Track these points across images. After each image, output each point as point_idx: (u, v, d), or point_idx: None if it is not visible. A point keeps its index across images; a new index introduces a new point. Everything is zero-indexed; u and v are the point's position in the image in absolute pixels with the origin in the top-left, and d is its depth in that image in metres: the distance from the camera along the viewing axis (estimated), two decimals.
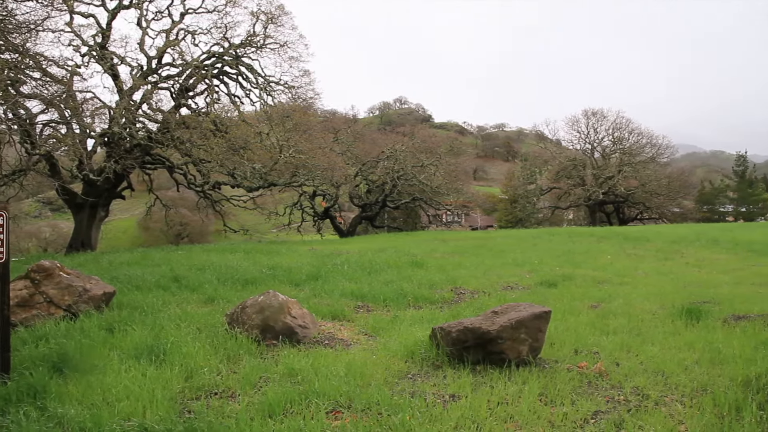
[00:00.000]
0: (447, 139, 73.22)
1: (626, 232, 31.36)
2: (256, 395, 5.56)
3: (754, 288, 12.46)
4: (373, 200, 50.71)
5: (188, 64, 29.56)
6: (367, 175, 49.86)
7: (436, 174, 48.67)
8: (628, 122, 65.24)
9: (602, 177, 62.73)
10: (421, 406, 5.09)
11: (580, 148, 68.14)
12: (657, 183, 61.56)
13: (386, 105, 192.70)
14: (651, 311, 9.73)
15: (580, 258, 19.12)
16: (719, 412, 4.88)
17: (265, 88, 32.50)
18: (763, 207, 73.76)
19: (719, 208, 75.26)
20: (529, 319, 6.45)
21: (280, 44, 31.71)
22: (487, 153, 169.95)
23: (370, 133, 61.32)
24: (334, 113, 69.80)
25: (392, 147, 49.11)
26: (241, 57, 31.81)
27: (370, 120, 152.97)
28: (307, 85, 34.09)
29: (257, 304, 7.73)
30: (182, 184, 34.36)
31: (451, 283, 13.35)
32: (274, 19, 31.19)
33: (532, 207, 68.08)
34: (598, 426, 4.77)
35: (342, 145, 47.43)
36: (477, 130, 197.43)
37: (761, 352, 6.60)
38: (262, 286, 12.15)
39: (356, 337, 8.24)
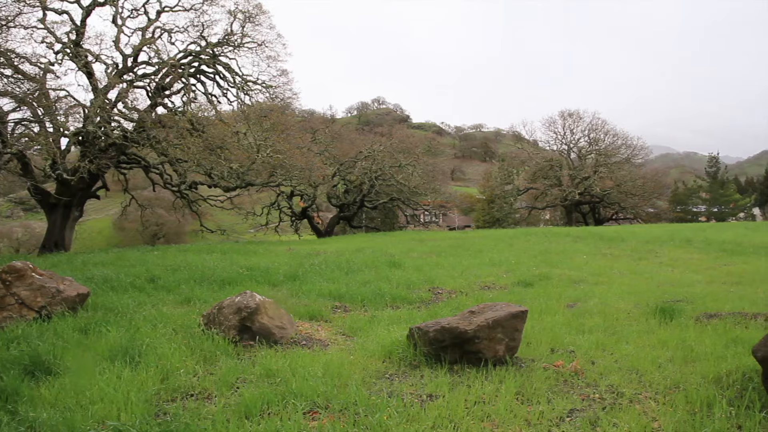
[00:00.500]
0: (425, 139, 73.35)
1: (602, 232, 31.67)
2: (232, 396, 5.52)
3: (725, 287, 12.67)
4: (350, 200, 50.67)
5: (165, 63, 29.28)
6: (345, 175, 49.81)
7: (414, 174, 48.78)
8: (604, 123, 65.99)
9: (578, 177, 63.28)
10: (398, 406, 5.10)
11: (557, 148, 68.70)
12: (632, 183, 62.26)
13: (364, 105, 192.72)
14: (626, 310, 9.84)
15: (557, 258, 19.27)
16: (691, 409, 4.96)
17: (242, 87, 32.31)
18: (734, 207, 75.08)
19: (692, 208, 76.48)
20: (506, 319, 6.48)
21: (257, 43, 31.58)
22: (465, 153, 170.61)
23: (348, 134, 61.24)
24: (312, 113, 69.78)
25: (370, 147, 49.14)
26: (218, 56, 31.59)
27: (348, 120, 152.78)
28: (284, 85, 34.02)
29: (234, 305, 7.68)
30: (158, 183, 34.06)
31: (429, 283, 13.38)
32: (252, 18, 31.04)
33: (509, 207, 68.44)
34: (573, 424, 4.81)
35: (320, 145, 47.37)
36: (455, 130, 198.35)
37: (731, 350, 6.71)
38: (239, 286, 12.07)
39: (334, 338, 8.23)
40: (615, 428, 4.65)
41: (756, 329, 7.77)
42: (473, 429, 4.71)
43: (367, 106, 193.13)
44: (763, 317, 8.51)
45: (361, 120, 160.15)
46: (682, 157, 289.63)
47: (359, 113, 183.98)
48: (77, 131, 26.57)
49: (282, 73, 33.38)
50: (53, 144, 25.26)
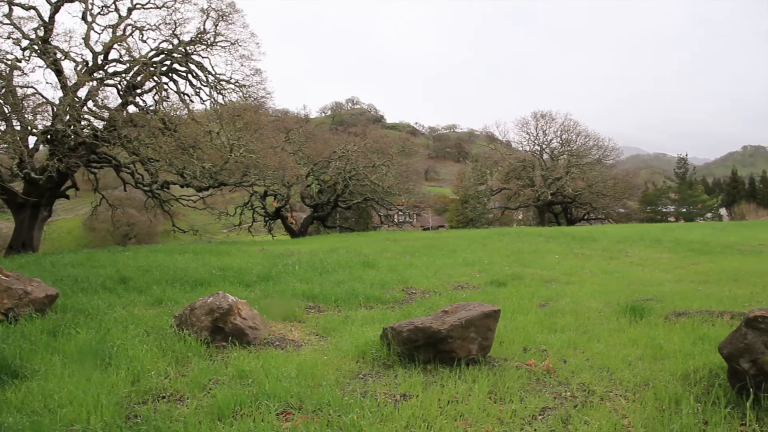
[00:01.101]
0: (399, 139, 73.46)
1: (573, 232, 32.03)
2: (205, 398, 5.48)
3: (693, 286, 12.89)
4: (324, 200, 50.57)
5: (136, 61, 28.86)
6: (318, 175, 49.68)
7: (388, 174, 48.85)
8: (576, 125, 66.75)
9: (551, 178, 63.90)
10: (371, 406, 5.10)
11: (530, 149, 69.29)
12: (603, 184, 63.07)
13: (338, 105, 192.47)
14: (597, 309, 9.97)
15: (529, 258, 19.44)
16: (660, 406, 5.04)
17: (215, 86, 32.02)
18: (702, 208, 76.46)
19: (662, 208, 77.71)
20: (479, 318, 6.53)
21: (231, 42, 31.31)
22: (439, 154, 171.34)
23: (322, 133, 61.14)
24: (286, 113, 69.42)
25: (344, 147, 49.09)
26: (190, 54, 31.27)
27: (322, 120, 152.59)
28: (258, 84, 33.78)
29: (206, 306, 7.62)
30: (129, 183, 33.63)
31: (402, 283, 13.41)
32: (225, 17, 30.77)
33: (482, 207, 68.86)
34: (545, 422, 4.86)
35: (293, 144, 47.18)
36: (428, 131, 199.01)
37: (699, 347, 6.84)
38: (211, 287, 11.97)
39: (307, 338, 8.21)
40: (586, 426, 4.70)
41: (722, 327, 7.92)
42: (446, 428, 4.73)
43: (341, 105, 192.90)
44: (729, 315, 8.68)
45: (335, 120, 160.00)
46: (652, 158, 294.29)
47: (333, 113, 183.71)
48: (46, 129, 26.11)
49: (255, 72, 33.18)
50: (20, 143, 24.77)
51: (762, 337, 4.91)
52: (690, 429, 4.48)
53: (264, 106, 38.20)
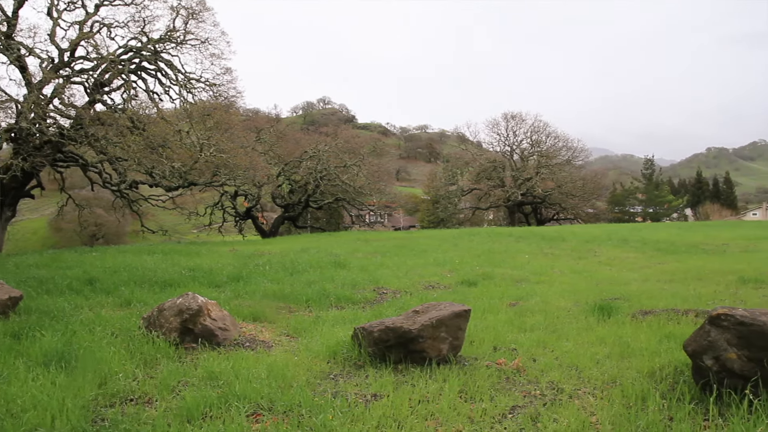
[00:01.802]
0: (370, 139, 73.43)
1: (543, 232, 32.38)
2: (174, 400, 5.41)
3: (659, 285, 13.12)
4: (295, 200, 50.35)
5: (104, 58, 28.42)
6: (289, 175, 49.47)
7: (359, 174, 48.82)
8: (546, 126, 67.48)
9: (521, 178, 64.49)
10: (342, 406, 5.10)
11: (500, 150, 69.87)
12: (572, 185, 63.86)
13: (310, 105, 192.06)
14: (566, 308, 10.09)
15: (500, 257, 19.60)
16: (627, 403, 5.12)
17: (185, 85, 31.69)
18: (668, 208, 77.93)
19: (629, 209, 79.04)
20: (450, 318, 6.56)
21: (201, 41, 31.01)
22: (410, 154, 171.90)
23: (293, 133, 60.79)
24: (257, 112, 68.90)
25: (315, 147, 48.92)
26: (160, 52, 30.89)
27: (293, 120, 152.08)
28: (228, 83, 33.51)
29: (176, 307, 7.54)
30: (97, 183, 33.12)
31: (374, 283, 13.43)
32: (195, 15, 30.47)
33: (453, 207, 69.22)
34: (515, 420, 4.90)
35: (264, 144, 46.87)
36: (400, 131, 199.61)
37: (665, 345, 6.97)
38: (181, 288, 11.86)
39: (278, 339, 8.17)
40: (555, 423, 4.75)
41: (687, 325, 8.08)
42: (417, 427, 4.75)
43: (312, 105, 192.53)
44: (693, 313, 8.85)
45: (306, 120, 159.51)
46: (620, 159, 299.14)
47: (304, 113, 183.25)
48: (9, 127, 25.57)
49: (226, 71, 32.92)
50: None
51: (725, 334, 5.01)
52: (656, 425, 4.56)
53: (234, 105, 37.90)
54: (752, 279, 13.03)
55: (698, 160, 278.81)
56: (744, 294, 11.29)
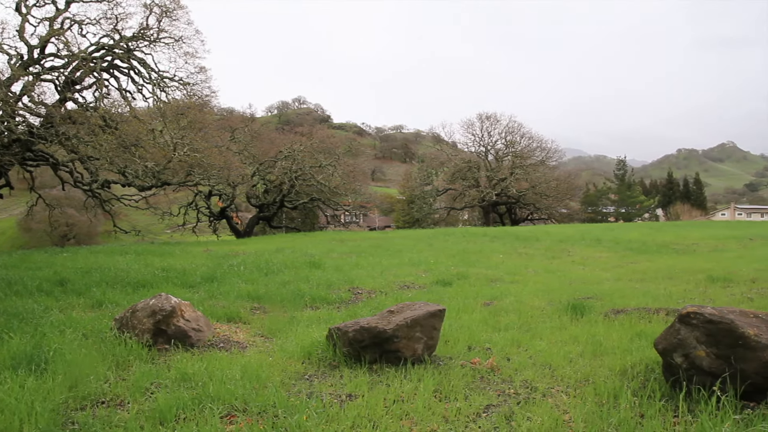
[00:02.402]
0: (345, 139, 73.50)
1: (517, 232, 32.63)
2: (146, 402, 5.35)
3: (631, 284, 13.31)
4: (270, 200, 50.09)
5: (75, 56, 27.95)
6: (264, 175, 49.18)
7: (335, 174, 48.73)
8: (520, 126, 68.01)
9: (495, 179, 64.88)
10: (317, 407, 5.08)
11: (475, 150, 70.20)
12: (546, 185, 64.40)
13: (285, 104, 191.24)
14: (540, 307, 10.18)
15: (474, 257, 19.72)
16: (599, 401, 5.18)
17: (158, 83, 31.31)
18: (640, 208, 79.04)
19: (602, 209, 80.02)
20: (424, 318, 6.58)
21: (174, 39, 30.64)
22: (385, 154, 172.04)
23: (268, 133, 60.43)
24: (231, 111, 68.61)
25: (290, 147, 48.72)
26: (133, 50, 30.48)
27: (268, 119, 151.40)
28: (203, 82, 33.17)
29: (148, 308, 7.46)
30: (68, 182, 32.62)
31: (349, 283, 13.42)
32: (169, 13, 30.11)
33: (428, 207, 69.43)
34: (489, 419, 4.93)
35: (239, 144, 46.52)
36: (375, 131, 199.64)
37: (636, 343, 7.08)
38: (154, 288, 11.74)
39: (252, 339, 8.13)
40: (529, 422, 4.79)
41: (658, 323, 8.21)
42: (392, 427, 4.75)
43: (287, 105, 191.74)
44: (664, 312, 8.99)
45: (281, 119, 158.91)
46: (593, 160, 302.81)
47: (279, 112, 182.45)
48: None
49: (200, 70, 32.59)
50: None
51: (694, 332, 5.10)
52: (627, 422, 4.62)
53: (209, 104, 37.59)
54: (721, 278, 13.29)
55: (669, 161, 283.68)
56: (713, 293, 11.50)
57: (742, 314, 5.14)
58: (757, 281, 12.85)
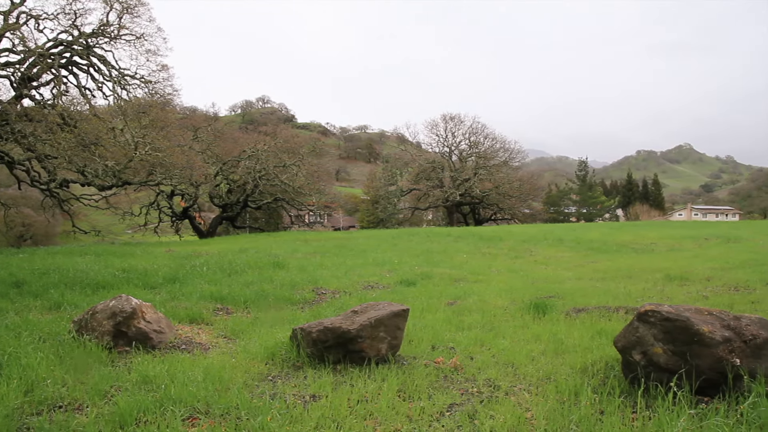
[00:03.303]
0: (310, 139, 73.04)
1: (481, 232, 32.90)
2: (106, 406, 5.25)
3: (592, 283, 13.54)
4: (234, 200, 49.63)
5: (31, 52, 27.30)
6: (228, 175, 48.69)
7: (299, 174, 48.50)
8: (484, 127, 68.59)
9: (459, 179, 65.30)
10: (281, 408, 5.05)
11: (439, 151, 70.57)
12: (509, 185, 65.07)
13: (249, 104, 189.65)
14: (503, 307, 10.29)
15: (438, 257, 19.83)
16: (561, 398, 5.26)
17: (119, 81, 30.78)
18: (601, 209, 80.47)
19: (564, 209, 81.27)
20: (388, 318, 6.59)
21: (136, 36, 30.18)
22: (350, 154, 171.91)
23: (232, 132, 59.84)
24: (194, 110, 67.84)
25: (254, 146, 48.33)
26: (92, 47, 29.90)
27: (231, 118, 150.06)
28: (165, 81, 32.76)
29: (108, 309, 7.32)
30: (25, 181, 31.82)
31: (313, 284, 13.38)
32: (130, 9, 29.64)
33: (393, 208, 69.56)
34: (452, 418, 4.96)
35: (202, 143, 46.00)
36: (340, 131, 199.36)
37: (597, 341, 7.21)
38: (114, 290, 11.54)
39: (215, 341, 8.04)
40: (492, 420, 4.83)
41: (618, 321, 8.37)
42: (356, 428, 4.75)
43: (251, 104, 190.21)
44: (623, 310, 9.17)
45: (245, 119, 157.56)
46: (555, 161, 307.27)
47: (243, 111, 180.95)
48: None
49: (162, 68, 32.17)
50: None
51: (652, 330, 5.21)
52: (588, 419, 4.69)
53: (171, 103, 37.16)
54: (678, 276, 13.62)
55: (629, 162, 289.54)
56: (670, 291, 11.77)
57: (697, 312, 5.27)
58: (711, 279, 13.19)
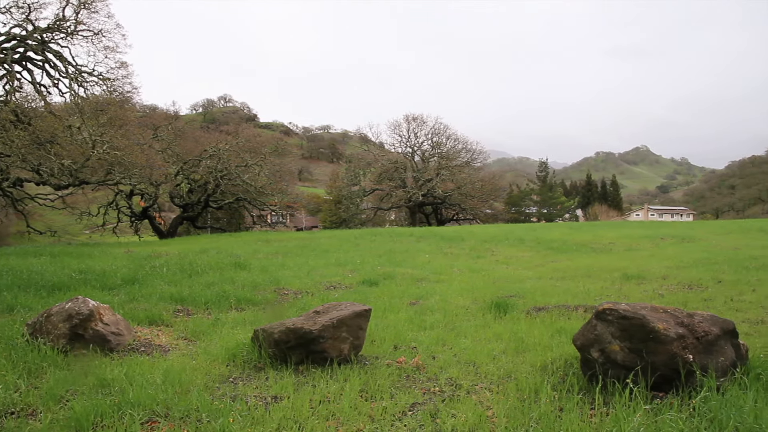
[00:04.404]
0: (272, 139, 72.45)
1: (443, 232, 33.10)
2: (61, 411, 5.12)
3: (552, 282, 13.74)
4: (195, 200, 48.98)
5: None
6: (188, 174, 48.02)
7: (261, 174, 48.10)
8: (446, 128, 69.00)
9: (422, 179, 65.57)
10: (242, 410, 5.01)
11: (402, 151, 70.75)
12: (471, 186, 65.58)
13: (210, 102, 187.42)
14: (464, 306, 10.38)
15: (401, 257, 19.89)
16: (521, 396, 5.33)
17: (76, 78, 30.13)
18: (561, 209, 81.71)
19: (525, 209, 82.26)
20: (350, 318, 6.59)
21: (94, 32, 29.59)
22: (313, 154, 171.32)
23: (193, 131, 59.05)
24: (154, 109, 66.74)
25: (216, 146, 47.75)
26: (48, 42, 29.21)
27: (193, 117, 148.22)
28: (124, 78, 32.22)
29: (64, 312, 7.16)
30: None
31: (275, 284, 13.29)
32: (87, 5, 29.01)
33: (355, 208, 69.53)
34: (415, 417, 4.98)
35: (162, 142, 45.26)
36: (302, 131, 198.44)
37: (556, 339, 7.32)
38: (71, 291, 11.29)
39: (175, 343, 7.93)
40: (453, 419, 4.87)
41: (577, 320, 8.51)
42: (318, 428, 4.74)
43: (213, 103, 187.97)
44: (583, 309, 9.34)
45: (206, 117, 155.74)
46: (516, 162, 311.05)
47: (205, 110, 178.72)
48: None
49: (121, 66, 31.62)
50: None
51: (610, 328, 5.32)
52: (547, 416, 4.76)
53: (130, 101, 36.54)
54: (635, 275, 13.92)
55: (588, 163, 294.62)
56: (627, 289, 12.02)
57: (653, 310, 5.39)
58: (667, 278, 13.52)
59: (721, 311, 9.03)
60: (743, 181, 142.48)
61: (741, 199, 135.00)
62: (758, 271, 14.09)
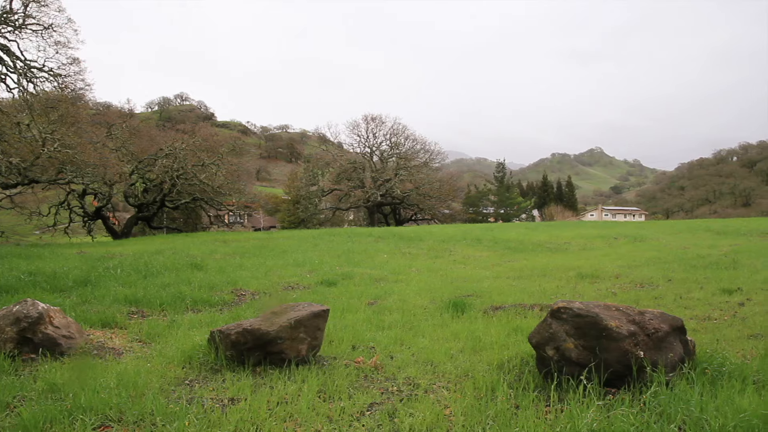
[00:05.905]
0: (230, 138, 71.62)
1: (402, 232, 33.23)
2: (7, 418, 4.97)
3: (509, 281, 13.93)
4: (150, 200, 48.10)
5: None
6: (144, 174, 47.13)
7: (218, 174, 47.48)
8: (404, 128, 69.31)
9: (380, 180, 65.71)
10: (198, 413, 4.94)
11: (360, 151, 70.81)
12: (430, 186, 66.01)
13: (166, 100, 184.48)
14: (422, 306, 10.44)
15: (359, 257, 19.90)
16: (478, 394, 5.38)
17: (24, 73, 29.27)
18: (518, 209, 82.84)
19: (482, 209, 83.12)
20: (308, 318, 6.56)
21: (44, 26, 28.77)
22: (271, 154, 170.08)
23: (148, 130, 57.93)
24: (109, 106, 65.56)
25: (172, 145, 46.97)
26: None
27: (148, 115, 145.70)
28: (76, 74, 31.38)
29: (12, 315, 6.95)
30: None
31: (232, 285, 13.15)
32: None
33: (314, 208, 69.26)
34: (373, 417, 4.99)
35: (116, 140, 44.33)
36: (261, 130, 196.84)
37: (513, 338, 7.43)
38: (19, 294, 10.98)
39: (129, 345, 7.78)
40: (411, 418, 4.89)
41: (533, 318, 8.65)
42: (276, 430, 4.70)
43: (169, 101, 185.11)
44: (538, 307, 9.49)
45: (162, 116, 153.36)
46: (474, 163, 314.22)
47: (160, 108, 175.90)
48: None
49: (73, 62, 30.80)
50: None
51: (564, 326, 5.42)
52: (504, 414, 4.83)
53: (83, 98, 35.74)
54: (589, 274, 14.21)
55: (544, 164, 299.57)
56: (582, 288, 12.26)
57: (606, 308, 5.51)
58: (620, 277, 13.85)
59: (671, 308, 9.29)
60: (692, 182, 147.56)
61: (690, 200, 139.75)
62: (705, 269, 14.56)
